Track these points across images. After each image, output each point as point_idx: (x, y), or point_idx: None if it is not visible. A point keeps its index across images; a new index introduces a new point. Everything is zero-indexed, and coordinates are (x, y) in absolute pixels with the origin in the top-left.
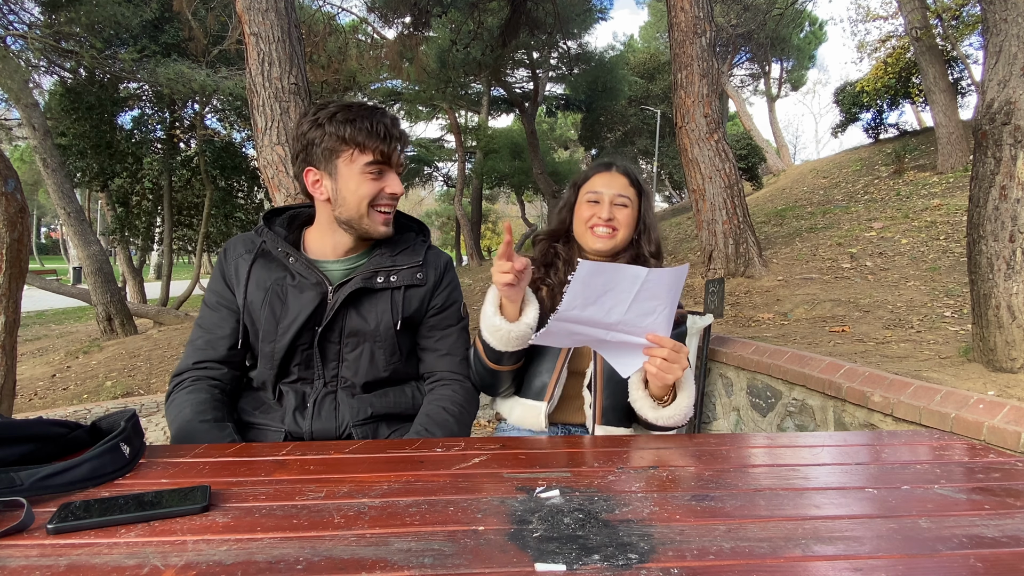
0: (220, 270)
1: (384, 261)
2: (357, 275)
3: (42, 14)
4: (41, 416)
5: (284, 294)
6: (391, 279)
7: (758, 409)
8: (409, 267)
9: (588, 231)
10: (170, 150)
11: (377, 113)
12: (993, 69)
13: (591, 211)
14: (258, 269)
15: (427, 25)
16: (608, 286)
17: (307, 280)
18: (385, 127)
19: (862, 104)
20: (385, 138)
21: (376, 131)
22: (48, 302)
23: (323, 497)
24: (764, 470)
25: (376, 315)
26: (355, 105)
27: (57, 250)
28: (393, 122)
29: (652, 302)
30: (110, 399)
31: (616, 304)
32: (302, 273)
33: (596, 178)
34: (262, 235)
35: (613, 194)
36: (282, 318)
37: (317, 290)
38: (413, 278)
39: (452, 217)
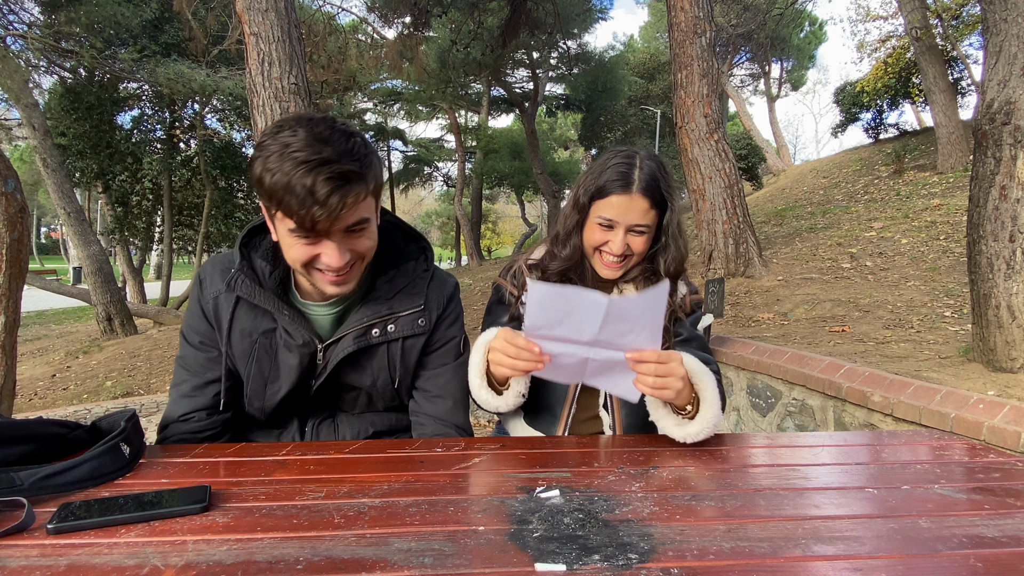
0: (198, 304)
1: (380, 307)
2: (350, 331)
3: (42, 14)
4: (41, 416)
5: (274, 351)
6: (388, 329)
7: (758, 409)
8: (409, 313)
9: (597, 255)
10: (170, 150)
11: (316, 166)
12: (993, 69)
13: (603, 237)
14: (242, 315)
15: (427, 25)
16: (568, 309)
17: (293, 340)
18: (311, 195)
19: (862, 104)
20: (312, 205)
21: (300, 198)
22: (48, 302)
23: (323, 497)
24: (764, 470)
25: (372, 372)
26: (300, 142)
27: (57, 250)
28: (336, 181)
29: (626, 324)
30: (110, 399)
31: (584, 325)
32: (288, 330)
33: (613, 198)
34: (236, 287)
35: (630, 223)
36: (271, 379)
37: (306, 350)
38: (414, 326)
39: (452, 217)
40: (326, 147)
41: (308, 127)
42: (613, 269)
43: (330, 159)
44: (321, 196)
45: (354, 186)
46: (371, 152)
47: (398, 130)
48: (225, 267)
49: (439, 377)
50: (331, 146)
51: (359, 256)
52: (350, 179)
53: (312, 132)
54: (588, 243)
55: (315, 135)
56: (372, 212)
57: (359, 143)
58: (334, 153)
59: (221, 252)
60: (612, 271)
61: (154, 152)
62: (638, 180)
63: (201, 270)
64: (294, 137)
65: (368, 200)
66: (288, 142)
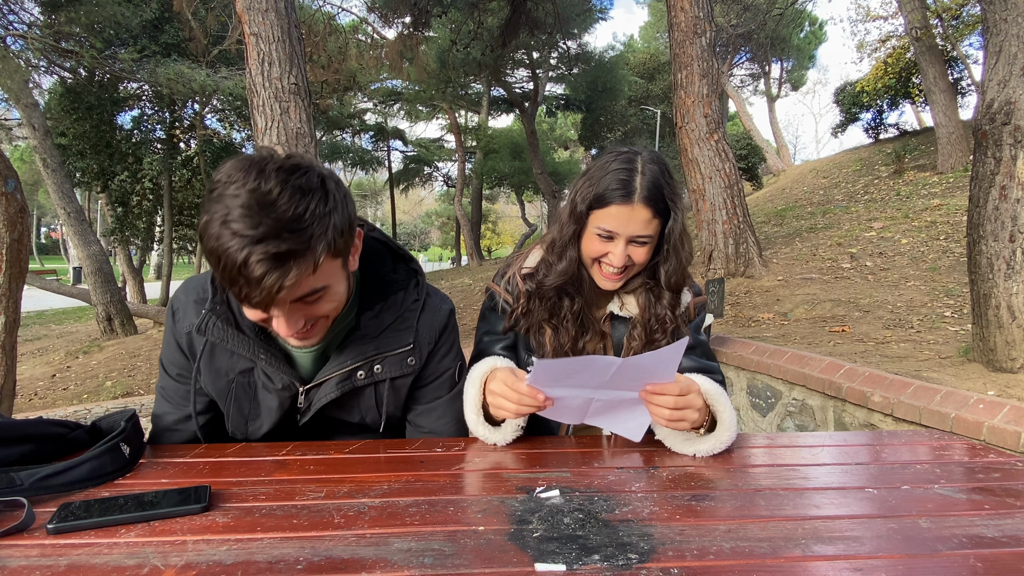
0: (172, 337)
1: (365, 347)
2: (332, 375)
3: (42, 14)
4: (41, 416)
5: (253, 390)
6: (375, 370)
7: (758, 409)
8: (397, 352)
9: (596, 266)
10: (170, 150)
11: (249, 244)
12: (993, 69)
13: (602, 248)
14: (216, 354)
15: (427, 25)
16: (577, 371)
17: (273, 384)
18: (243, 276)
19: (862, 104)
20: (244, 286)
21: (232, 275)
22: (48, 302)
23: (323, 497)
24: (764, 470)
25: (360, 411)
26: (239, 209)
27: (57, 250)
28: (271, 262)
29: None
30: (110, 399)
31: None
32: (267, 372)
33: (613, 208)
34: (208, 331)
35: (631, 235)
36: (251, 417)
37: (286, 394)
38: (403, 366)
39: (452, 217)
40: (267, 216)
41: (255, 184)
42: (613, 281)
43: (266, 236)
44: (254, 278)
45: (295, 265)
46: (331, 212)
47: (398, 130)
48: (199, 297)
49: (432, 412)
50: (273, 215)
51: (317, 318)
52: (288, 258)
53: (256, 194)
54: (586, 254)
55: (258, 198)
56: (332, 276)
57: (315, 203)
58: (272, 227)
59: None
60: (611, 283)
61: (154, 152)
62: (640, 188)
63: (174, 299)
64: (235, 200)
65: (323, 269)
66: (228, 207)
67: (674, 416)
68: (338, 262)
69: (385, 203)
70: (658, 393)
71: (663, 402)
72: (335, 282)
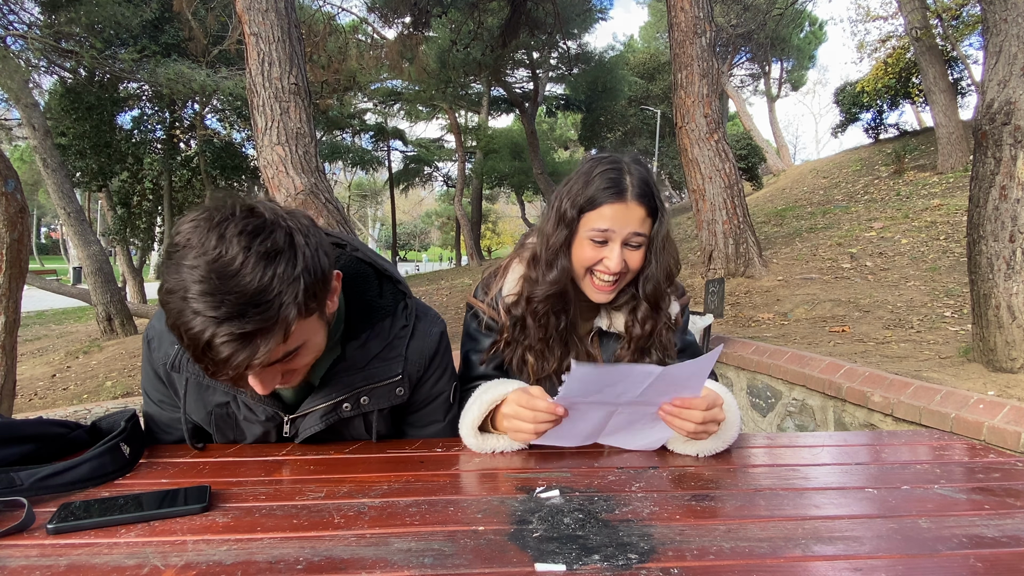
0: (150, 366)
1: (352, 379)
2: (316, 408)
3: (42, 14)
4: (41, 416)
5: (233, 421)
6: (362, 401)
7: (758, 409)
8: (386, 383)
9: (588, 277)
10: (170, 150)
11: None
12: (993, 69)
13: (596, 254)
14: (193, 390)
15: (427, 25)
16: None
17: (256, 416)
18: (209, 357)
19: (862, 104)
20: (211, 366)
21: (198, 354)
22: (48, 302)
23: (323, 497)
24: (764, 470)
25: (350, 435)
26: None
27: (57, 250)
28: (237, 343)
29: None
30: (110, 399)
31: (626, 393)
32: (249, 406)
33: (606, 208)
34: (183, 369)
35: (627, 234)
36: (238, 439)
37: (271, 424)
38: (391, 397)
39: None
40: (229, 294)
41: (216, 254)
42: (605, 292)
43: (229, 316)
44: (221, 359)
45: (262, 342)
46: (297, 277)
47: (398, 130)
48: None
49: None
50: (236, 291)
51: (293, 374)
52: (256, 336)
53: (217, 264)
54: (579, 263)
55: (220, 269)
56: (306, 335)
57: (281, 269)
58: (236, 304)
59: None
60: (605, 294)
61: (154, 152)
62: (631, 186)
63: (149, 328)
64: (193, 272)
65: (296, 332)
66: (186, 281)
67: (699, 430)
68: (314, 318)
69: (385, 203)
70: (686, 408)
71: (691, 417)
72: (311, 336)
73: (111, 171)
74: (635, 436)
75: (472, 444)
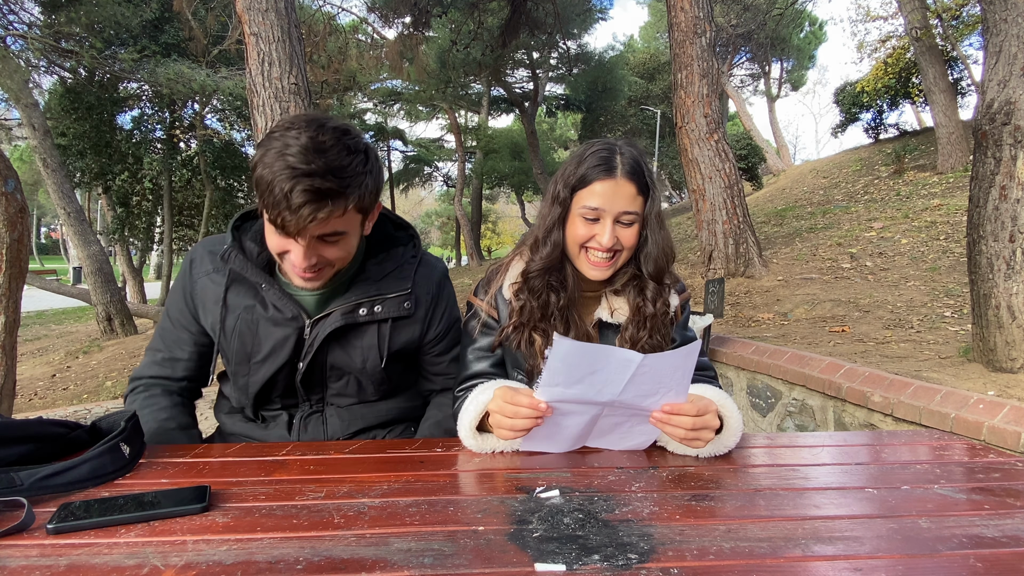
0: (183, 285)
1: (368, 288)
2: (337, 308)
3: (42, 14)
4: (41, 416)
5: (255, 326)
6: (375, 310)
7: (758, 409)
8: (396, 296)
9: (583, 254)
10: (170, 150)
11: (299, 176)
12: (993, 69)
13: (588, 231)
14: (231, 294)
15: (427, 25)
16: (594, 367)
17: (281, 314)
18: (286, 200)
19: (862, 104)
20: (284, 210)
21: (275, 199)
22: (48, 302)
23: (323, 497)
24: (764, 470)
25: (361, 351)
26: (297, 146)
27: (57, 250)
28: (312, 195)
29: (652, 384)
30: (110, 399)
31: (607, 384)
32: (276, 305)
33: (597, 185)
34: (230, 262)
35: (618, 211)
36: (254, 353)
37: (293, 325)
38: (400, 308)
39: (452, 217)
40: (319, 158)
41: (314, 133)
42: (601, 269)
43: (315, 172)
44: (294, 205)
45: (330, 203)
46: (368, 173)
47: (398, 130)
48: (215, 249)
49: (445, 363)
50: (324, 158)
51: (328, 262)
52: (327, 195)
53: (314, 140)
54: (572, 240)
55: (315, 144)
56: (352, 227)
57: (357, 161)
58: (323, 166)
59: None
60: (600, 271)
61: (154, 152)
62: (621, 165)
63: (192, 251)
64: (296, 140)
65: (348, 216)
66: (288, 143)
67: (690, 436)
68: (359, 218)
69: (385, 203)
70: (675, 414)
71: (681, 423)
72: (352, 233)
73: (111, 171)
74: (622, 438)
75: (471, 444)
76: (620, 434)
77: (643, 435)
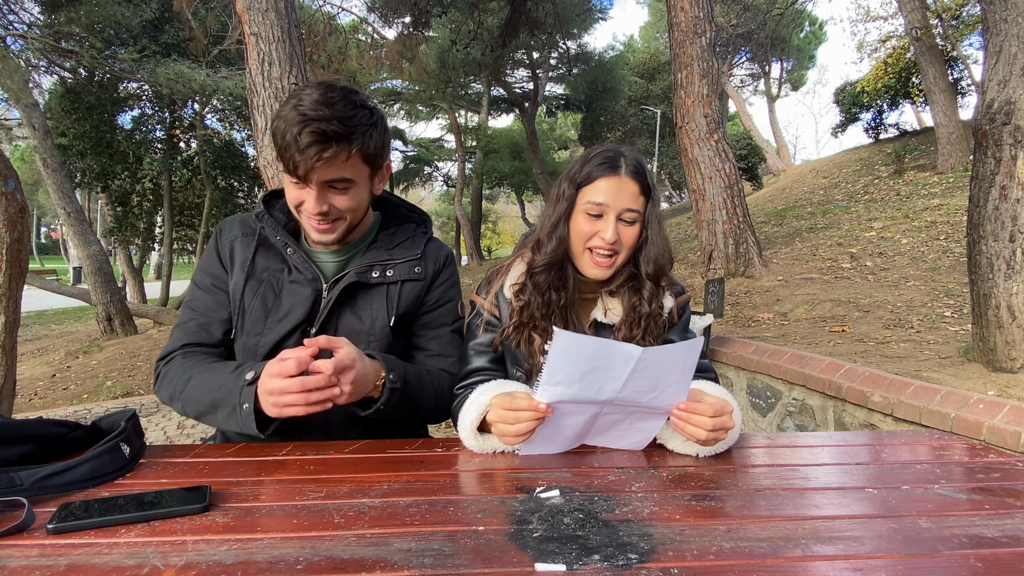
0: (215, 250)
1: (380, 255)
2: (351, 269)
3: (42, 14)
4: (41, 416)
5: (279, 287)
6: (387, 273)
7: (758, 409)
8: (406, 260)
9: (586, 253)
10: (170, 150)
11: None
12: (993, 69)
13: (592, 228)
14: (259, 256)
15: (427, 25)
16: (594, 362)
17: (303, 275)
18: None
19: (862, 104)
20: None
21: (286, 143)
22: (48, 302)
23: (323, 497)
24: (764, 470)
25: (371, 312)
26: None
27: (57, 250)
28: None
29: (652, 380)
30: (110, 399)
31: (607, 381)
32: (299, 267)
33: (601, 182)
34: (262, 220)
35: (621, 207)
36: (273, 311)
37: (312, 287)
38: (411, 272)
39: (452, 217)
40: (328, 108)
41: (324, 90)
42: (603, 268)
43: (322, 117)
44: (302, 145)
45: (334, 145)
46: (372, 126)
47: (398, 130)
48: (243, 220)
49: (440, 338)
50: (332, 108)
51: (339, 212)
52: (332, 138)
53: (324, 95)
54: (576, 238)
55: (325, 98)
56: (359, 176)
57: (363, 115)
58: (330, 114)
59: None
60: (601, 270)
61: (154, 152)
62: (625, 164)
63: (221, 223)
64: (308, 96)
65: (354, 163)
66: (302, 99)
67: (710, 438)
68: (367, 170)
69: None
70: (695, 414)
71: (701, 423)
72: (360, 184)
73: (111, 171)
74: (620, 436)
75: (472, 445)
76: (619, 432)
77: (642, 432)
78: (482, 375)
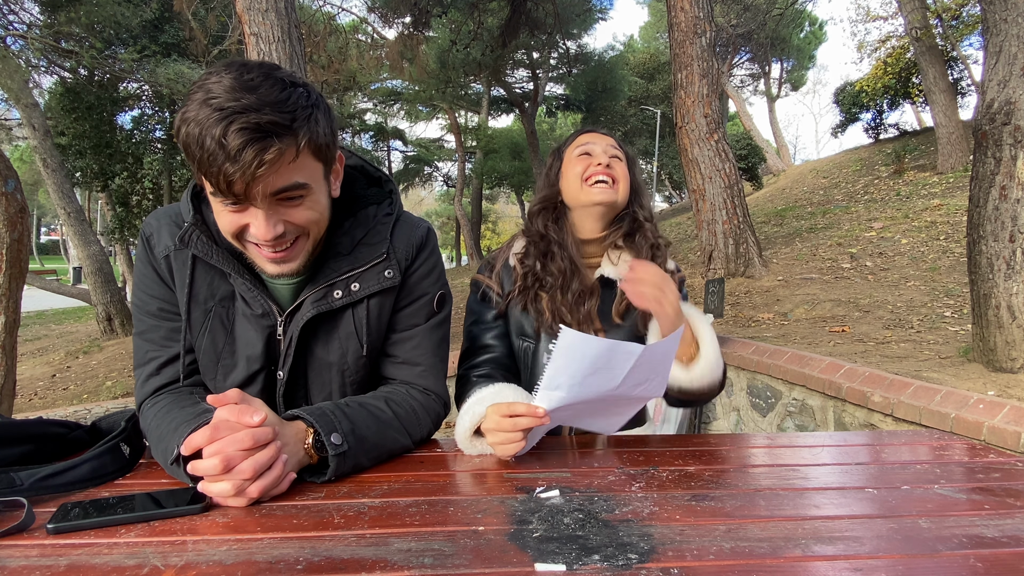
0: (149, 266)
1: (339, 264)
2: (308, 295)
3: (42, 14)
4: (41, 416)
5: (231, 322)
6: (352, 288)
7: (758, 409)
8: (372, 265)
9: (584, 185)
10: (170, 150)
11: (230, 115)
12: (993, 69)
13: (584, 164)
14: (199, 277)
15: (427, 25)
16: (596, 364)
17: (251, 310)
18: (222, 148)
19: (862, 104)
20: (224, 162)
21: (210, 152)
22: (48, 302)
23: (323, 497)
24: (764, 470)
25: (340, 343)
26: (221, 88)
27: (57, 250)
28: (251, 132)
29: (647, 373)
30: (110, 399)
31: (606, 383)
32: (246, 297)
33: (583, 136)
34: (191, 243)
35: (605, 145)
36: (225, 354)
37: (266, 322)
38: (379, 280)
39: (452, 217)
40: (250, 95)
41: (238, 72)
42: (605, 191)
43: (249, 107)
44: (232, 150)
45: (276, 140)
46: (313, 106)
47: (398, 130)
48: (174, 221)
49: (407, 341)
50: (256, 94)
51: (299, 230)
52: (271, 132)
53: (240, 79)
54: (572, 180)
55: (242, 82)
56: (313, 178)
57: (299, 94)
58: (256, 102)
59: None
60: (604, 193)
61: (154, 152)
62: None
63: (145, 227)
64: (218, 84)
65: (304, 162)
66: (210, 89)
67: (656, 296)
68: (320, 167)
69: None
70: (639, 279)
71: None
72: (316, 188)
73: (111, 171)
74: (594, 420)
75: (468, 449)
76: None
77: (617, 415)
78: (491, 352)
